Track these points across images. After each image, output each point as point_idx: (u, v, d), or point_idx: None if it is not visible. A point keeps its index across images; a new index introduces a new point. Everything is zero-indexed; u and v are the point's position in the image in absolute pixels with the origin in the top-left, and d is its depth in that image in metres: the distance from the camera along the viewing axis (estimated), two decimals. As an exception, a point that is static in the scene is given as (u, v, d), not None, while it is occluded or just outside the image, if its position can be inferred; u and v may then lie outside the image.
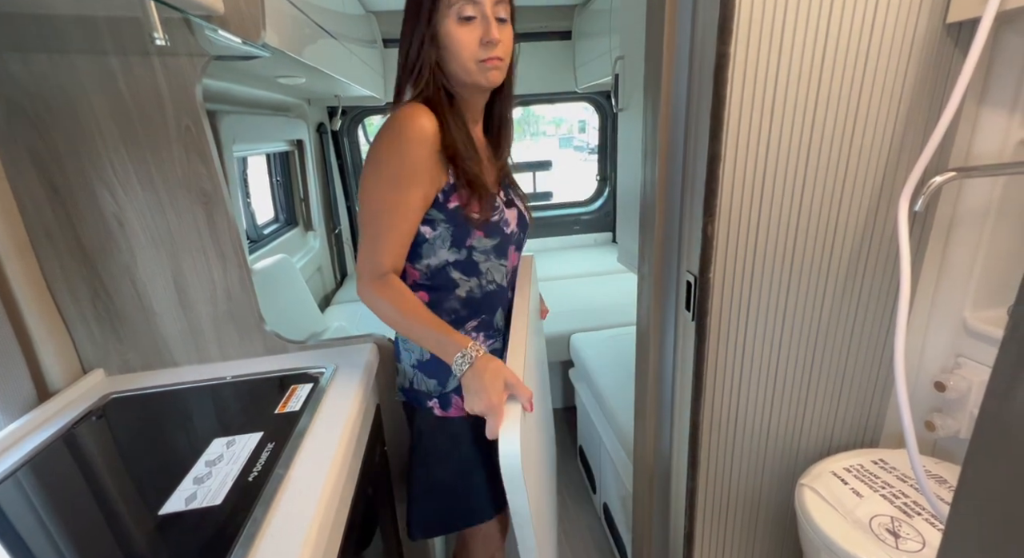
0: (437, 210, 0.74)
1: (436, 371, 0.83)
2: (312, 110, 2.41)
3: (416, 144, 0.69)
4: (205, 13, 0.70)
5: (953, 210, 0.90)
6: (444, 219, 0.75)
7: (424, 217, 0.74)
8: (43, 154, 0.77)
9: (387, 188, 0.70)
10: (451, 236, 0.76)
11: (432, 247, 0.77)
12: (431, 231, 0.76)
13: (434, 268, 0.79)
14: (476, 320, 0.84)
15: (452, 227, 0.76)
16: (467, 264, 0.79)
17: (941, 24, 0.78)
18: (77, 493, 0.60)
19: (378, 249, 0.72)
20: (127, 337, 0.89)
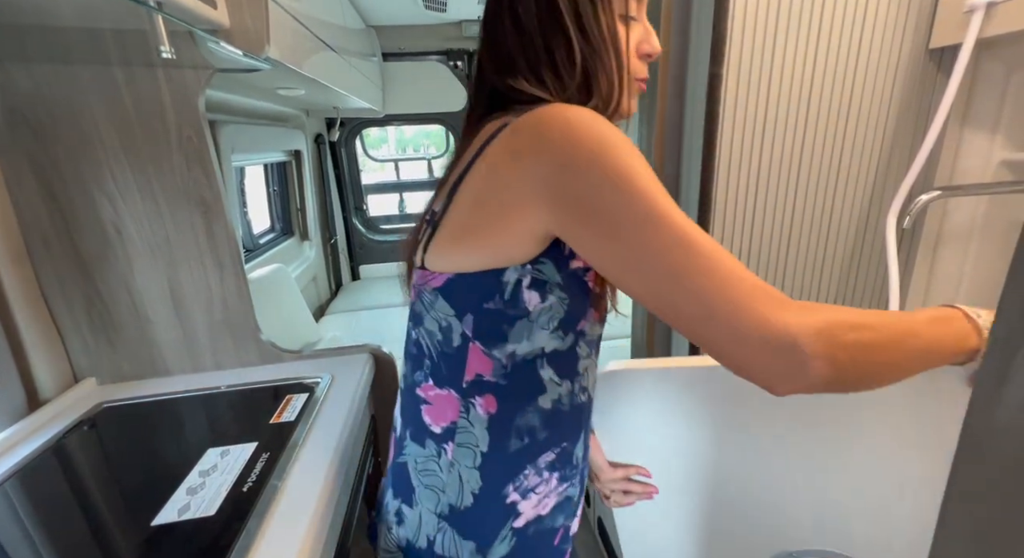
0: (556, 267, 0.47)
1: (478, 525, 0.53)
2: (311, 121, 2.43)
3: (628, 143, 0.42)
4: (211, 27, 0.72)
5: (940, 227, 0.92)
6: (561, 283, 0.48)
7: (534, 277, 0.47)
8: (43, 162, 0.77)
9: (662, 195, 0.40)
10: (564, 312, 0.49)
11: (531, 326, 0.49)
12: (538, 300, 0.48)
13: (519, 360, 0.50)
14: (555, 451, 0.54)
15: (568, 298, 0.49)
16: (567, 359, 0.52)
17: (924, 49, 0.82)
18: (68, 504, 0.60)
19: (738, 269, 0.38)
20: (121, 345, 0.88)
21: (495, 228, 0.45)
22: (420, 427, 0.54)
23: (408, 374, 0.57)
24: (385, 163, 3.19)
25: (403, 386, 0.59)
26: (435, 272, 0.50)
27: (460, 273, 0.48)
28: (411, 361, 0.56)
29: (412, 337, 0.56)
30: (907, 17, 0.80)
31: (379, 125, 2.81)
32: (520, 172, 0.42)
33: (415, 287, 0.54)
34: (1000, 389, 0.23)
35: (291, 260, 2.23)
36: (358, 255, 2.94)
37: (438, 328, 0.51)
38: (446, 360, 0.52)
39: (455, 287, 0.49)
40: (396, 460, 0.57)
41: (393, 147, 4.18)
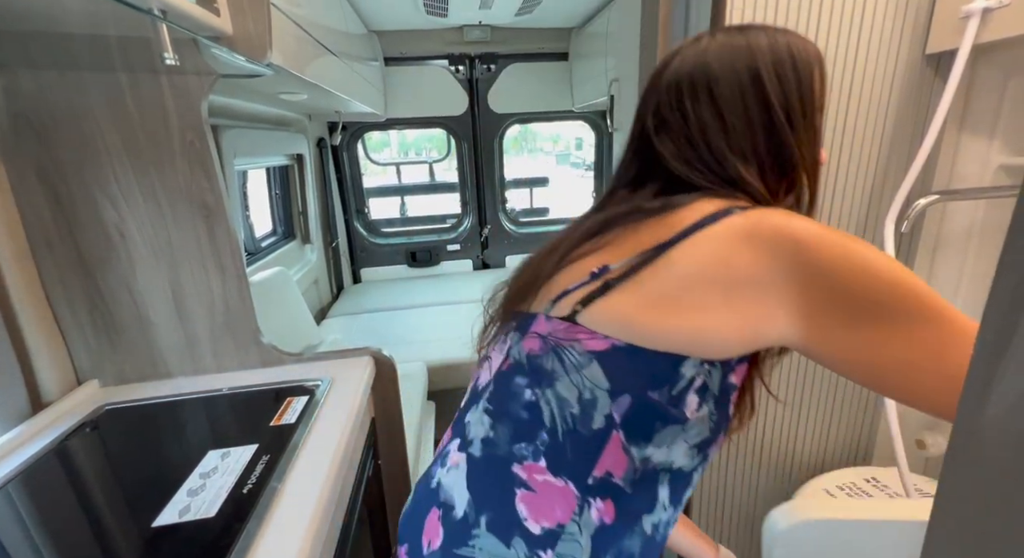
0: (721, 377, 0.43)
1: None
2: (313, 125, 2.44)
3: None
4: (214, 34, 0.73)
5: (938, 232, 0.92)
6: (716, 396, 0.44)
7: (704, 380, 0.42)
8: (48, 166, 0.78)
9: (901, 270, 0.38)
10: (710, 428, 0.45)
11: (680, 436, 0.43)
12: (696, 408, 0.43)
13: (649, 469, 0.44)
14: None
15: (716, 415, 0.44)
16: (684, 483, 0.47)
17: (921, 55, 0.82)
18: (70, 506, 0.60)
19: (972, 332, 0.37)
20: (123, 347, 0.89)
21: (713, 313, 0.40)
22: (508, 518, 0.43)
23: (499, 440, 0.46)
24: (387, 166, 3.21)
25: (481, 453, 0.47)
26: (595, 332, 0.43)
27: (634, 345, 0.41)
28: (511, 425, 0.45)
29: (524, 397, 0.45)
30: (903, 23, 0.80)
31: (381, 129, 2.82)
32: (770, 274, 0.38)
33: (540, 336, 0.46)
34: (987, 391, 0.23)
35: (293, 263, 2.24)
36: (359, 258, 2.95)
37: (576, 398, 0.43)
38: (575, 442, 0.43)
39: (622, 359, 0.42)
40: (454, 551, 0.44)
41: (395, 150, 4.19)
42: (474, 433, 0.48)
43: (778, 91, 0.46)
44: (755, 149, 0.46)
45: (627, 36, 1.17)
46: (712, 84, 0.46)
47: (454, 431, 0.53)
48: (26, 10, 0.60)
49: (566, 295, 0.45)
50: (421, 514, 0.49)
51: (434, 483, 0.50)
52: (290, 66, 1.02)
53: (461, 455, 0.48)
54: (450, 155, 2.89)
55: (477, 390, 0.53)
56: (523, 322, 0.48)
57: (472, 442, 0.48)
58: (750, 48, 0.46)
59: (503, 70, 2.62)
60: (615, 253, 0.45)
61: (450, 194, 2.97)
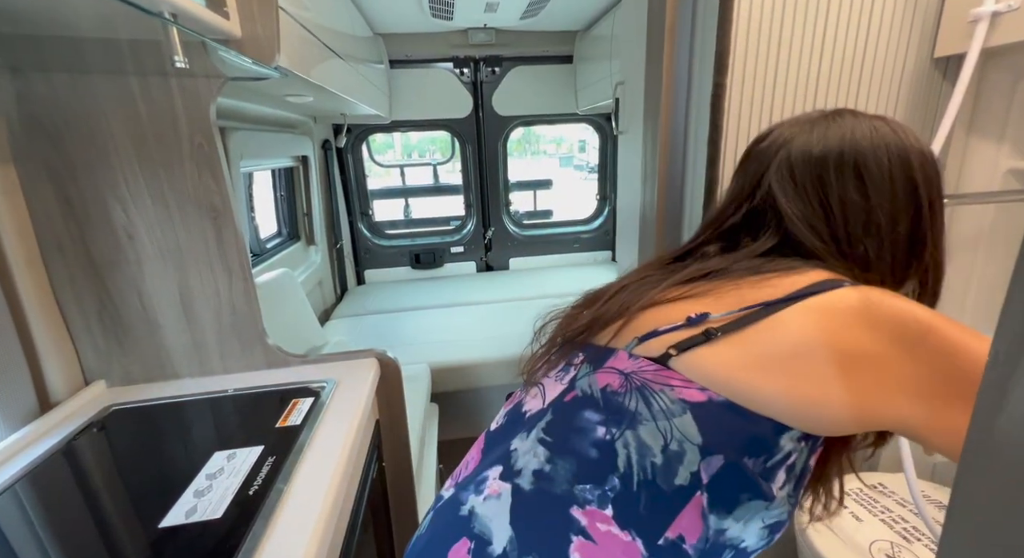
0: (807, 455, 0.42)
1: None
2: (318, 127, 2.46)
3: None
4: (224, 37, 0.73)
5: (947, 236, 0.92)
6: (799, 475, 0.42)
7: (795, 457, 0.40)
8: (59, 168, 0.79)
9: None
10: (787, 511, 0.42)
11: (760, 510, 0.40)
12: (781, 485, 0.40)
13: (719, 543, 0.40)
14: None
15: (793, 496, 0.42)
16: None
17: (929, 58, 0.82)
18: (77, 506, 0.60)
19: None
20: (130, 348, 0.89)
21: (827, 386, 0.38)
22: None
23: (558, 476, 0.41)
24: (391, 169, 3.22)
25: (533, 486, 0.42)
26: (691, 381, 0.40)
27: (734, 403, 0.39)
28: (575, 462, 0.41)
29: (596, 434, 0.41)
30: (912, 26, 0.80)
31: (386, 131, 2.83)
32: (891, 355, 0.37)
33: (620, 373, 0.42)
34: (1002, 401, 0.23)
35: (297, 264, 2.25)
36: (363, 260, 2.96)
37: (661, 448, 0.39)
38: (652, 496, 0.39)
39: (721, 415, 0.39)
40: None
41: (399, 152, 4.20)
42: (524, 463, 0.44)
43: (925, 182, 0.46)
44: (893, 234, 0.46)
45: (632, 39, 1.18)
46: (861, 163, 0.46)
47: (490, 456, 0.48)
48: (38, 14, 0.61)
49: (656, 336, 0.42)
50: (444, 543, 0.44)
51: (464, 510, 0.45)
52: (297, 69, 1.03)
53: (505, 485, 0.43)
54: (454, 157, 2.89)
55: (523, 417, 0.48)
56: (597, 356, 0.45)
57: (521, 473, 0.43)
58: (898, 136, 0.47)
59: (508, 73, 2.63)
60: (715, 303, 0.43)
61: (454, 196, 2.98)
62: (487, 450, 0.50)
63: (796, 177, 0.48)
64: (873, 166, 0.46)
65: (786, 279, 0.43)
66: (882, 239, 0.46)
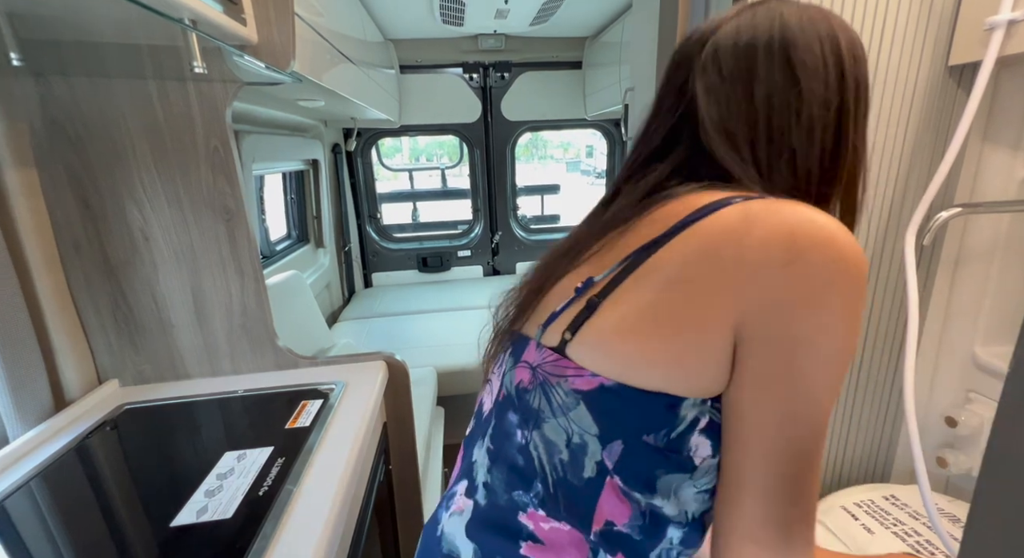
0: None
1: None
2: (328, 131, 2.48)
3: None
4: (241, 43, 0.75)
5: (960, 245, 0.91)
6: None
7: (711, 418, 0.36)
8: (79, 171, 0.80)
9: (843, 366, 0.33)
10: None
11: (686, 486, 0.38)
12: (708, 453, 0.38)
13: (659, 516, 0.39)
14: None
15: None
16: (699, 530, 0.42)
17: (943, 66, 0.81)
18: (91, 503, 0.61)
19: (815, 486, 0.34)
20: (143, 348, 0.90)
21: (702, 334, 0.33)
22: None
23: (497, 486, 0.40)
24: (399, 172, 3.24)
25: (485, 500, 0.41)
26: (583, 369, 0.37)
27: (624, 384, 0.35)
28: (507, 470, 0.40)
29: (516, 439, 0.40)
30: (926, 34, 0.80)
31: (395, 135, 2.86)
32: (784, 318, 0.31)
33: (530, 367, 0.40)
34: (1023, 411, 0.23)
35: (306, 267, 2.27)
36: (371, 263, 2.97)
37: (564, 443, 0.37)
38: (566, 492, 0.38)
39: (610, 400, 0.36)
40: None
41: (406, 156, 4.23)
42: (479, 477, 0.43)
43: (853, 65, 0.40)
44: (823, 134, 0.39)
45: (642, 45, 1.18)
46: (791, 46, 0.39)
47: (463, 469, 0.47)
48: (61, 20, 0.62)
49: (554, 319, 0.39)
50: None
51: (439, 530, 0.44)
52: (310, 74, 1.04)
53: (468, 501, 0.43)
54: (462, 161, 2.91)
55: (481, 419, 0.47)
56: (517, 346, 0.43)
57: (477, 488, 0.43)
58: (826, 17, 0.41)
59: (517, 78, 2.64)
60: (601, 262, 0.39)
61: (461, 200, 3.00)
62: (462, 460, 0.48)
63: (723, 72, 0.40)
64: (804, 50, 0.39)
65: (668, 209, 0.37)
66: (810, 142, 0.39)
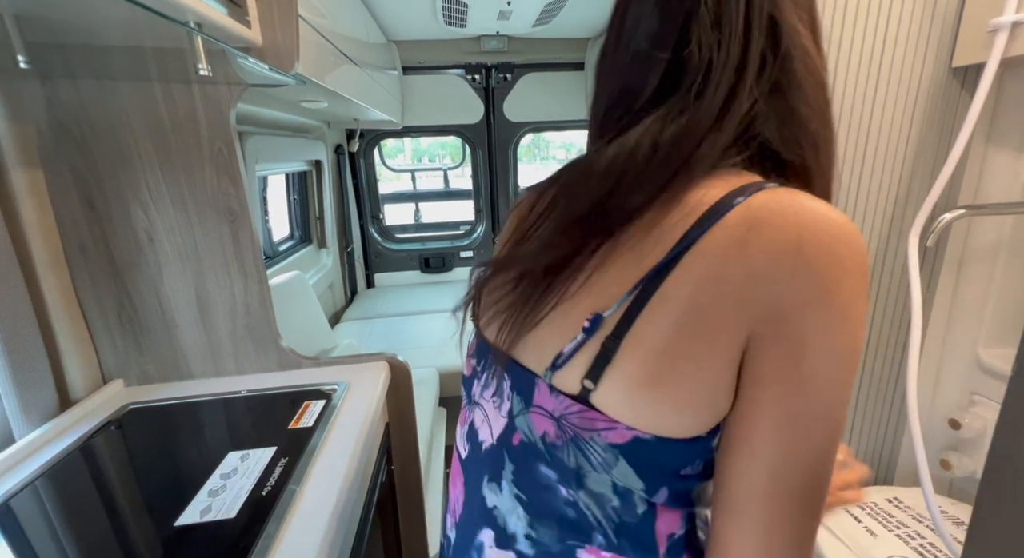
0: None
1: None
2: (331, 132, 2.49)
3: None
4: (245, 45, 0.75)
5: (963, 247, 0.91)
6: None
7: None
8: (84, 173, 0.81)
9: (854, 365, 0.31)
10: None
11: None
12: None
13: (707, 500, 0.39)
14: None
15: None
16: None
17: (947, 68, 0.81)
18: (95, 503, 0.61)
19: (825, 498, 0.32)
20: (148, 349, 0.91)
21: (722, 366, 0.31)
22: None
23: (547, 539, 0.38)
24: (401, 173, 3.25)
25: (534, 551, 0.38)
26: (614, 421, 0.33)
27: (659, 437, 0.32)
28: (557, 524, 0.38)
29: (562, 494, 0.37)
30: (929, 35, 0.80)
31: (397, 136, 2.86)
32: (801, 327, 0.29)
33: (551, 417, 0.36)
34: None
35: (309, 267, 2.27)
36: (373, 263, 2.98)
37: (612, 490, 0.36)
38: (628, 532, 0.36)
39: (648, 452, 0.33)
40: None
41: (409, 156, 4.25)
42: (513, 526, 0.39)
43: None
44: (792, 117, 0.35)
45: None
46: None
47: (476, 513, 0.43)
48: (68, 23, 0.63)
49: (565, 362, 0.35)
50: None
51: None
52: (314, 75, 1.05)
53: (506, 553, 0.39)
54: (464, 162, 2.91)
55: (480, 448, 0.43)
56: (522, 383, 0.38)
57: (515, 538, 0.39)
58: None
59: (519, 79, 2.65)
60: (603, 291, 0.34)
61: (464, 201, 3.00)
62: (467, 485, 0.45)
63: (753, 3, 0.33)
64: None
65: (673, 214, 0.32)
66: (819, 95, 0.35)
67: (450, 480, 0.50)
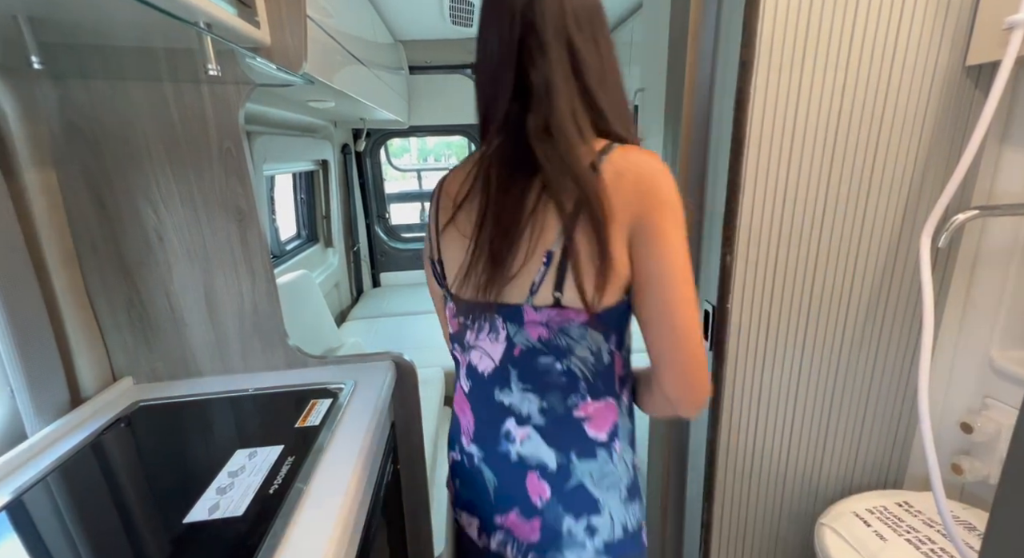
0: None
1: (639, 487, 0.63)
2: (338, 132, 2.50)
3: None
4: (254, 46, 0.76)
5: (977, 248, 0.89)
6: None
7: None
8: (95, 172, 0.82)
9: (686, 242, 0.53)
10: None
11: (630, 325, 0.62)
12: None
13: (625, 348, 0.62)
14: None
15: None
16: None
17: (961, 66, 0.80)
18: (106, 499, 0.62)
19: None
20: (157, 346, 0.92)
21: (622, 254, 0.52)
22: (585, 444, 0.59)
23: (555, 404, 0.58)
24: (407, 173, 3.26)
25: (545, 420, 0.59)
26: (579, 310, 0.53)
27: (607, 308, 0.54)
28: (558, 391, 0.58)
29: (557, 369, 0.57)
30: (943, 33, 0.78)
31: (403, 136, 2.87)
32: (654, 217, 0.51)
33: (542, 324, 0.56)
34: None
35: (315, 266, 2.29)
36: (379, 263, 2.99)
37: (590, 353, 0.57)
38: (601, 376, 0.58)
39: (603, 318, 0.55)
40: (565, 488, 0.59)
41: (415, 156, 4.26)
42: (527, 409, 0.60)
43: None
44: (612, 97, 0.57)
45: (653, 46, 1.17)
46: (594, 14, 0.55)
47: (487, 413, 0.63)
48: (81, 24, 0.63)
49: (539, 288, 0.54)
50: (518, 481, 0.61)
51: (514, 456, 0.61)
52: (321, 75, 1.05)
53: (526, 429, 0.60)
54: (471, 162, 2.91)
55: (483, 376, 0.62)
56: (512, 314, 0.58)
57: (530, 417, 0.60)
58: None
59: (525, 79, 2.64)
60: (548, 229, 0.53)
61: (470, 200, 3.00)
62: (476, 408, 0.64)
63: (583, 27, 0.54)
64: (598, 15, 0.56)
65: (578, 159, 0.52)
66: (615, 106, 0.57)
67: (457, 412, 0.69)
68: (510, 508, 0.62)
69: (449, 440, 0.72)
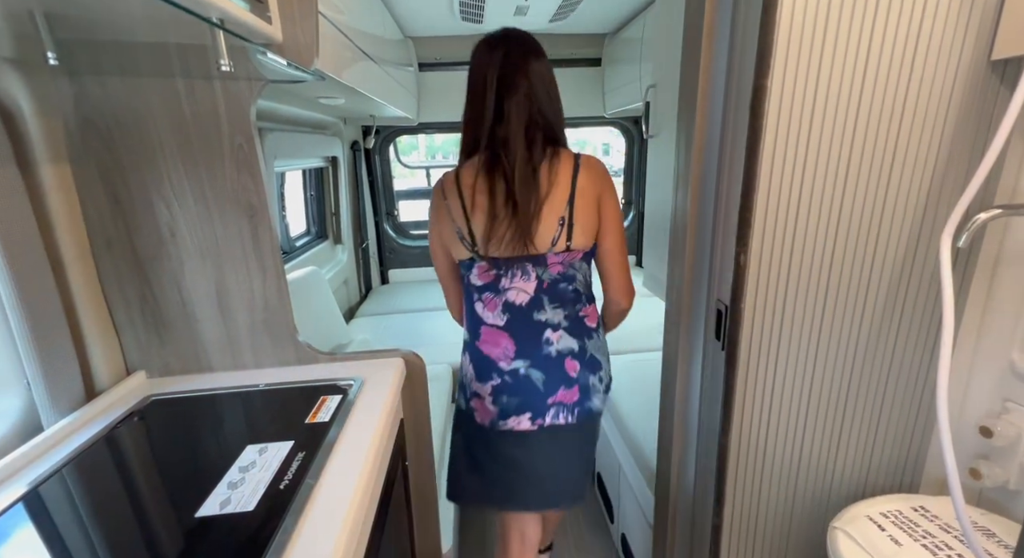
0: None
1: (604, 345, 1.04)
2: (348, 129, 2.51)
3: None
4: (266, 42, 0.75)
5: (999, 248, 0.87)
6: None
7: None
8: (110, 168, 0.83)
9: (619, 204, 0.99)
10: None
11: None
12: None
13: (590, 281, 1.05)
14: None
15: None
16: None
17: (986, 60, 0.78)
18: (119, 492, 0.63)
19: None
20: (170, 341, 0.93)
21: (595, 213, 0.94)
22: (588, 331, 0.98)
23: (571, 313, 0.95)
24: (416, 170, 3.26)
25: (568, 323, 0.95)
26: (581, 251, 0.93)
27: (589, 249, 0.95)
28: (571, 304, 0.95)
29: (570, 289, 0.95)
30: (967, 26, 0.76)
31: (412, 133, 2.87)
32: (607, 192, 0.94)
33: (560, 263, 0.93)
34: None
35: (324, 263, 2.30)
36: (388, 259, 3.00)
37: (583, 276, 0.98)
38: (589, 290, 1.00)
39: (588, 254, 0.96)
40: (585, 359, 0.97)
41: (423, 153, 4.26)
42: (557, 319, 0.94)
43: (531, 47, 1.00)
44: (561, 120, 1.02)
45: (665, 42, 1.16)
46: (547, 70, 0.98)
47: (528, 331, 0.95)
48: (96, 20, 0.64)
49: (556, 241, 0.91)
50: (559, 367, 0.95)
51: (553, 352, 0.94)
52: (332, 72, 1.05)
53: (559, 332, 0.94)
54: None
55: (520, 308, 0.94)
56: (538, 260, 0.92)
57: (560, 324, 0.95)
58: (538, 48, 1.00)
59: (535, 75, 2.62)
60: (557, 201, 0.90)
61: (478, 198, 2.99)
62: (516, 331, 0.95)
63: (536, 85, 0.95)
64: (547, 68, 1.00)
65: (559, 167, 0.92)
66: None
67: (487, 349, 0.97)
68: (557, 389, 0.94)
69: (478, 374, 0.98)
